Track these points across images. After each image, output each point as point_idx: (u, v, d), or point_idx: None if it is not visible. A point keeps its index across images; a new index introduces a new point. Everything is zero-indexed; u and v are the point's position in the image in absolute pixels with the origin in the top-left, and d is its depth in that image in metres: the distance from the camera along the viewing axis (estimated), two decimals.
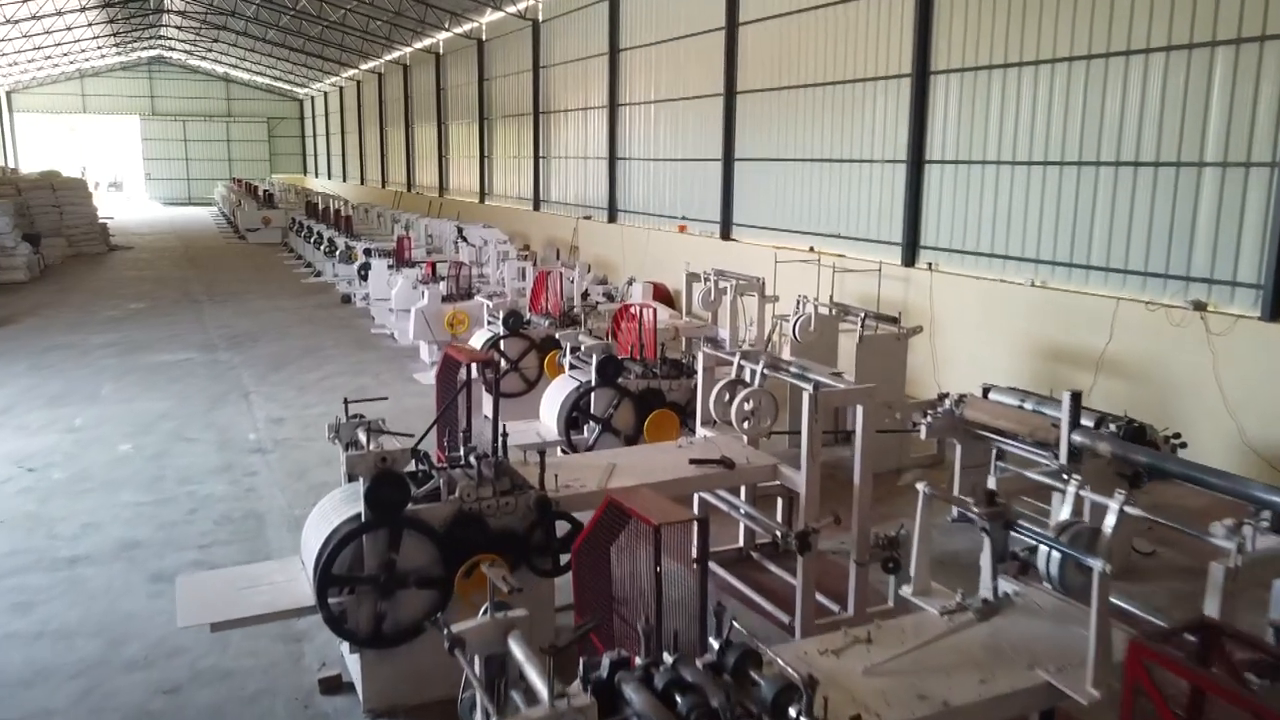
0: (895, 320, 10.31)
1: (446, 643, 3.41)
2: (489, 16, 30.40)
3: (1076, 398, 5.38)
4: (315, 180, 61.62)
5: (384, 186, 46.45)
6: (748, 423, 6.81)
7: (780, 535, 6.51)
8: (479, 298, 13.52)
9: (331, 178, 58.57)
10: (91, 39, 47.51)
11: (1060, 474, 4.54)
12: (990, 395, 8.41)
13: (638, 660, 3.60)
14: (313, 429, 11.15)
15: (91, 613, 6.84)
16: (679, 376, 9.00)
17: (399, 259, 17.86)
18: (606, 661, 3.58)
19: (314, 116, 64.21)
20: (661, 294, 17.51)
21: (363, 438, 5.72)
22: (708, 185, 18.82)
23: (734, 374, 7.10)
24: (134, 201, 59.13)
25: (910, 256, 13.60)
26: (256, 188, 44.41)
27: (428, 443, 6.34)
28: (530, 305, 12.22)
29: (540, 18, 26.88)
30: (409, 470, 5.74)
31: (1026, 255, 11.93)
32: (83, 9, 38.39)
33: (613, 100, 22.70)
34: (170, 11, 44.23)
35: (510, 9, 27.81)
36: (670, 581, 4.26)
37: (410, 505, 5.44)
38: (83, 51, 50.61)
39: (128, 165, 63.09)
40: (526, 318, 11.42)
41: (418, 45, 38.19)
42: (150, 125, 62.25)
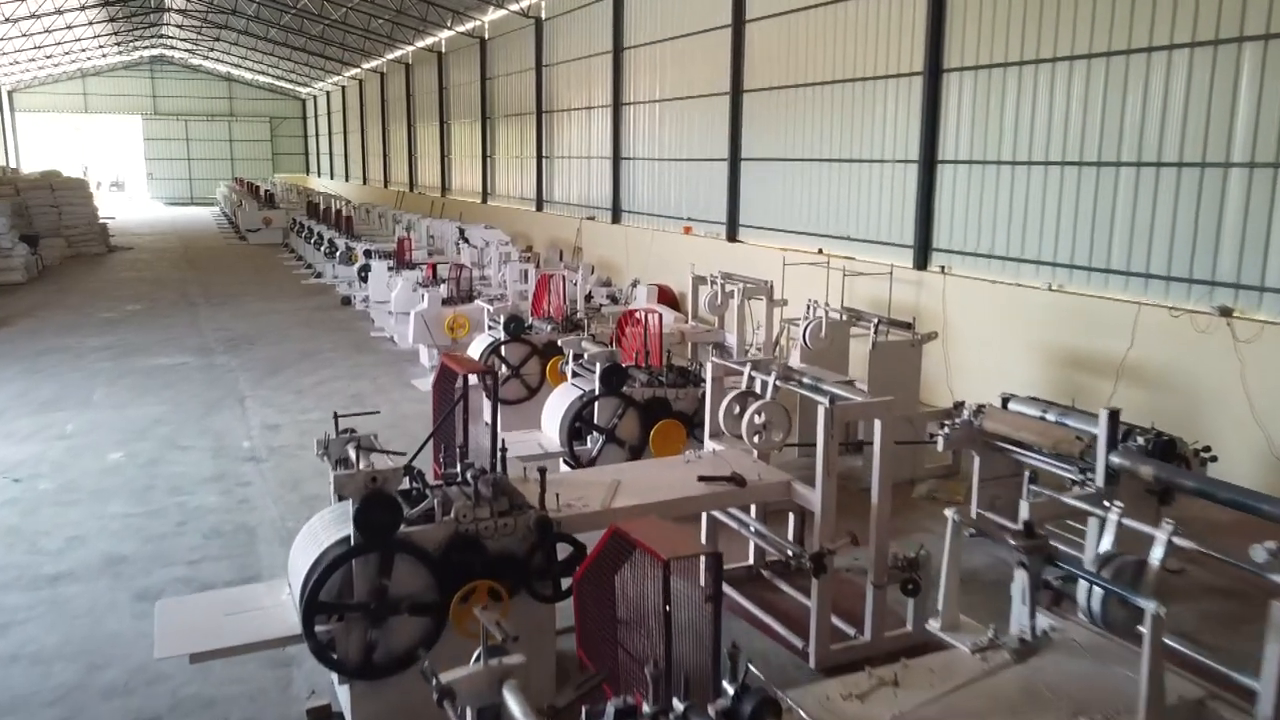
0: (909, 326, 9.98)
1: (435, 694, 3.09)
2: (491, 15, 30.10)
3: (1115, 416, 5.05)
4: (318, 180, 61.37)
5: (386, 186, 46.16)
6: (759, 437, 6.49)
7: (793, 556, 6.20)
8: (479, 301, 13.21)
9: (334, 178, 58.31)
10: (92, 38, 47.27)
11: (1100, 499, 4.20)
12: (1010, 405, 8.08)
13: (645, 707, 3.29)
14: (309, 436, 10.79)
15: (72, 635, 6.53)
16: (685, 385, 8.67)
17: (399, 260, 17.56)
18: (611, 711, 3.26)
19: (316, 116, 63.95)
20: (666, 296, 17.21)
21: (353, 455, 5.41)
22: (713, 186, 18.49)
23: (744, 385, 6.78)
24: (136, 201, 58.91)
25: (922, 259, 13.26)
26: (258, 187, 44.13)
27: (425, 456, 6.04)
28: (532, 309, 11.91)
29: (543, 15, 26.56)
30: (402, 488, 5.43)
31: (1043, 259, 11.58)
32: (82, 7, 38.13)
33: (617, 99, 22.37)
34: (171, 10, 43.95)
35: (513, 7, 27.50)
36: (680, 613, 3.94)
37: (403, 527, 5.12)
38: (84, 51, 50.37)
39: (130, 165, 62.88)
40: (528, 322, 11.10)
41: (420, 44, 37.90)
42: (152, 125, 62.01)
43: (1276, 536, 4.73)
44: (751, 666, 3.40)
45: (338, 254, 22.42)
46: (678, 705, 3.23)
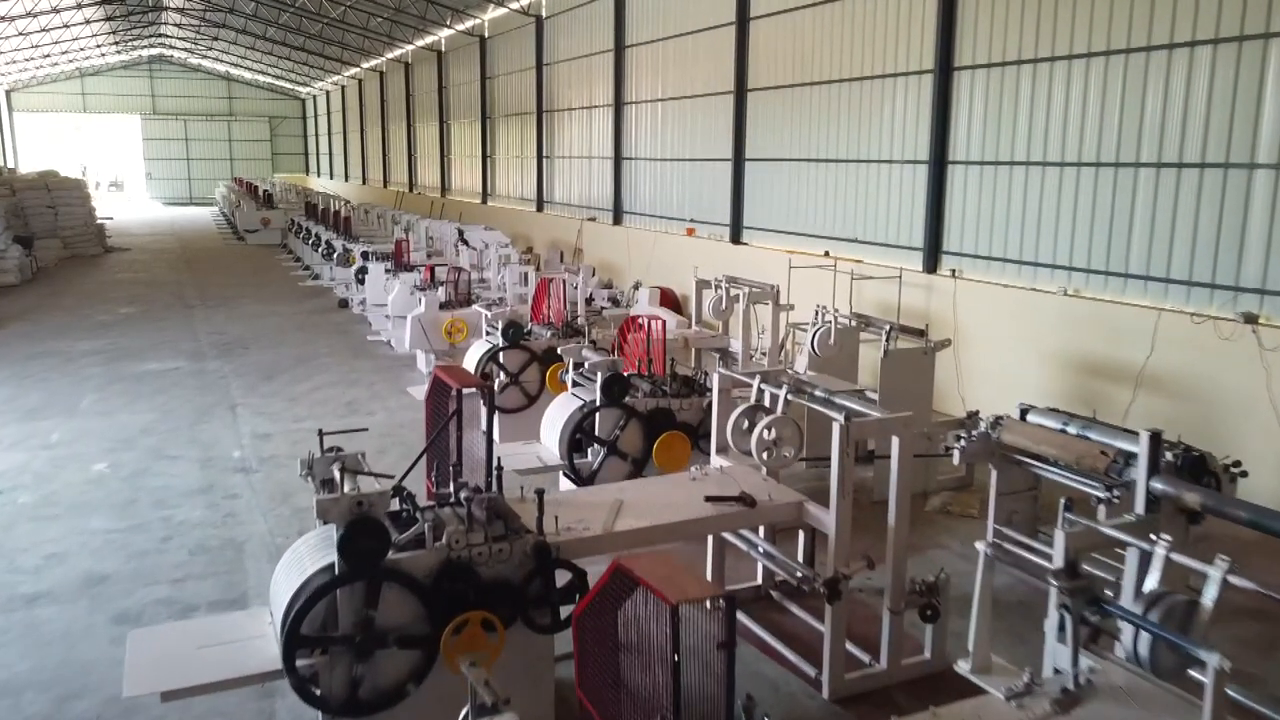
0: (922, 333, 9.63)
1: None
2: (491, 13, 29.78)
3: (1157, 439, 4.71)
4: (317, 180, 61.06)
5: (386, 186, 45.84)
6: (769, 453, 6.15)
7: (805, 578, 5.86)
8: (477, 306, 12.87)
9: (333, 178, 57.99)
10: (90, 37, 46.97)
11: (1144, 531, 3.86)
12: (1029, 417, 7.72)
13: None
14: (301, 445, 10.43)
15: (45, 662, 6.19)
16: (690, 395, 8.33)
17: (397, 262, 17.24)
18: None
19: (316, 116, 63.65)
20: (669, 299, 16.88)
21: (338, 476, 5.07)
22: (717, 186, 18.14)
23: (753, 398, 6.44)
24: (134, 201, 58.62)
25: (932, 263, 12.91)
26: (257, 188, 43.79)
27: (417, 472, 5.71)
28: (532, 314, 11.58)
29: (544, 14, 26.23)
30: (392, 510, 5.10)
31: (1058, 262, 11.24)
32: (78, 6, 37.80)
33: (618, 98, 22.03)
34: (168, 9, 43.63)
35: (513, 5, 27.16)
36: (689, 660, 3.61)
37: (391, 554, 4.79)
38: (82, 50, 50.07)
39: (129, 165, 62.57)
40: (527, 328, 10.77)
41: (419, 43, 37.58)
42: (151, 124, 61.74)
43: None
44: (768, 717, 3.08)
45: (335, 255, 22.11)
46: None
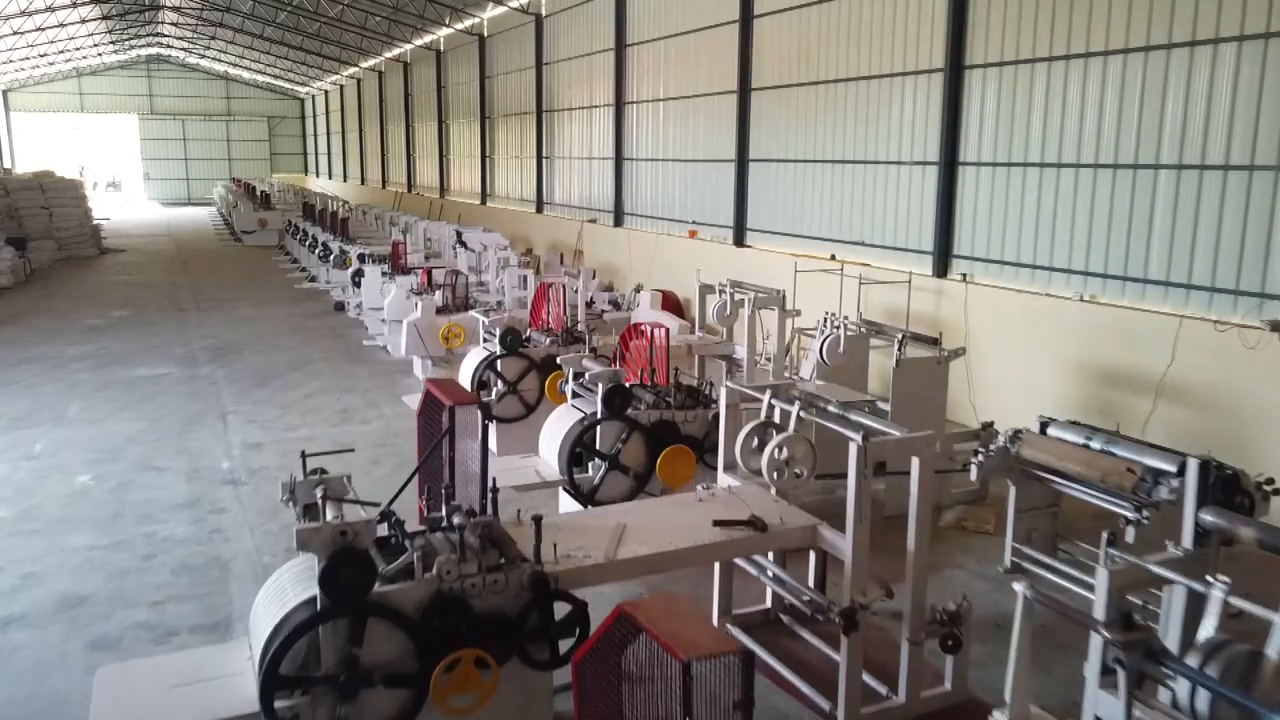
0: (935, 341, 9.29)
1: None
2: (491, 11, 29.44)
3: (1206, 468, 4.37)
4: (316, 180, 60.71)
5: (384, 187, 45.49)
6: (780, 473, 5.81)
7: (819, 606, 5.53)
8: (474, 312, 12.54)
9: (332, 178, 57.65)
10: (87, 36, 46.61)
11: (1199, 570, 3.53)
12: (1050, 431, 7.40)
13: None
14: (292, 456, 9.99)
15: (15, 694, 5.86)
16: (695, 406, 7.99)
17: (394, 265, 16.90)
18: None
19: (314, 116, 63.30)
20: (670, 303, 16.55)
21: (321, 502, 4.75)
22: (720, 188, 17.80)
23: (764, 414, 6.11)
24: (132, 202, 58.26)
25: (942, 267, 12.57)
26: (254, 188, 43.43)
27: (409, 492, 5.39)
28: (531, 320, 11.24)
29: (543, 12, 25.89)
30: (380, 536, 4.76)
31: (1074, 267, 10.89)
32: (74, 5, 37.46)
33: (619, 98, 21.68)
34: (165, 8, 43.28)
35: (513, 3, 26.82)
36: (699, 707, 3.28)
37: (377, 586, 4.46)
38: (79, 50, 49.72)
39: (126, 165, 62.20)
40: (526, 334, 10.43)
41: (418, 42, 37.24)
42: (149, 124, 61.33)
43: None
44: None
45: (332, 258, 21.76)
46: None
